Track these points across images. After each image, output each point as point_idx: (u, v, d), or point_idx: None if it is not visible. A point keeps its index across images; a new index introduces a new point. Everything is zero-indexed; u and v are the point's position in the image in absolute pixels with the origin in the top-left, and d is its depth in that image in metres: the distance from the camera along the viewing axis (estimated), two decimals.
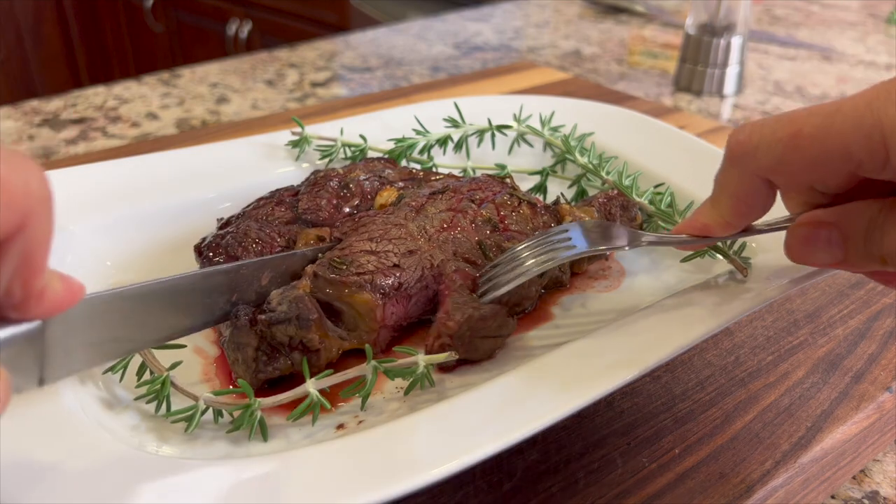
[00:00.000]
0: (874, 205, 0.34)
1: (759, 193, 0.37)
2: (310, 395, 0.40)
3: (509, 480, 0.39)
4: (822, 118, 0.32)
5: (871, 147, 0.30)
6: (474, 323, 0.44)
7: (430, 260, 0.48)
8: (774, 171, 0.35)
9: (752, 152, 0.35)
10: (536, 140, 0.67)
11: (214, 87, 1.03)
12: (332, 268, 0.46)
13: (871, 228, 0.34)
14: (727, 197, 0.39)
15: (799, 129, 0.33)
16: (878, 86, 0.31)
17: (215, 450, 0.39)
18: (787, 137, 0.33)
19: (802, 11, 1.43)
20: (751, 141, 0.35)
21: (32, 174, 0.23)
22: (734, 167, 0.37)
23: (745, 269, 0.47)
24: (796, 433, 0.43)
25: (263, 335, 0.43)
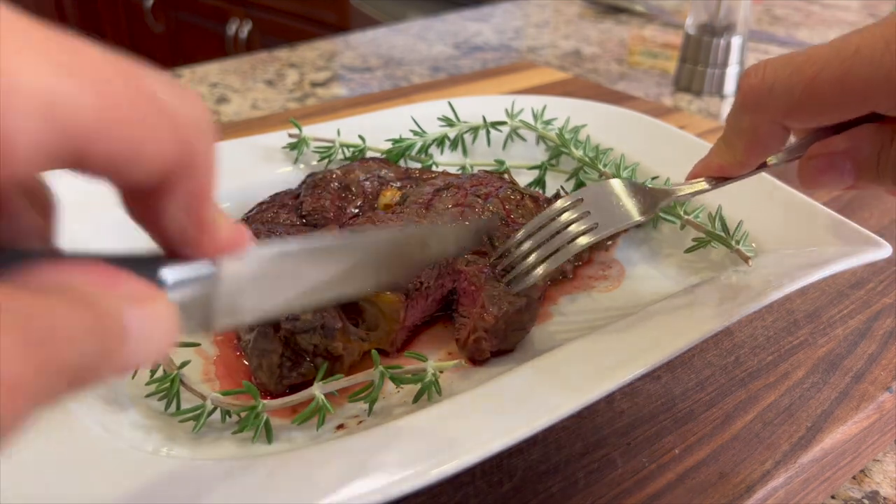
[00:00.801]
0: (884, 128, 0.34)
1: (773, 135, 0.37)
2: (315, 399, 0.40)
3: (509, 480, 0.39)
4: (839, 63, 0.31)
5: (892, 90, 0.30)
6: (510, 316, 0.44)
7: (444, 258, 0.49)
8: (789, 116, 0.35)
9: (765, 98, 0.35)
10: (531, 136, 0.68)
11: (214, 86, 1.03)
12: None
13: (883, 152, 0.34)
14: (740, 140, 0.38)
15: (816, 75, 0.32)
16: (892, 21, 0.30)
17: (217, 450, 0.39)
18: (804, 83, 0.33)
19: (802, 11, 1.43)
20: (764, 85, 0.34)
21: (196, 105, 0.22)
22: (746, 112, 0.37)
23: (748, 257, 0.48)
24: (796, 433, 0.43)
25: (287, 341, 0.43)
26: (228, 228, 0.25)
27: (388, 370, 0.41)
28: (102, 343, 0.19)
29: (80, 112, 0.18)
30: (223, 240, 0.25)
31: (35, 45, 0.17)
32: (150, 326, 0.21)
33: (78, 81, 0.18)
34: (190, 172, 0.22)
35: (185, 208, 0.23)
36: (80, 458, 0.34)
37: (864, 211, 0.65)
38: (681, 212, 0.55)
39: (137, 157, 0.20)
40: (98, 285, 0.20)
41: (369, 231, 0.44)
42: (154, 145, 0.20)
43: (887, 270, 0.57)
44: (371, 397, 0.41)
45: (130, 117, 0.19)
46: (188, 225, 0.24)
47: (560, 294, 0.53)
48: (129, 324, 0.20)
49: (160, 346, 0.22)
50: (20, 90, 0.17)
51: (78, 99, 0.18)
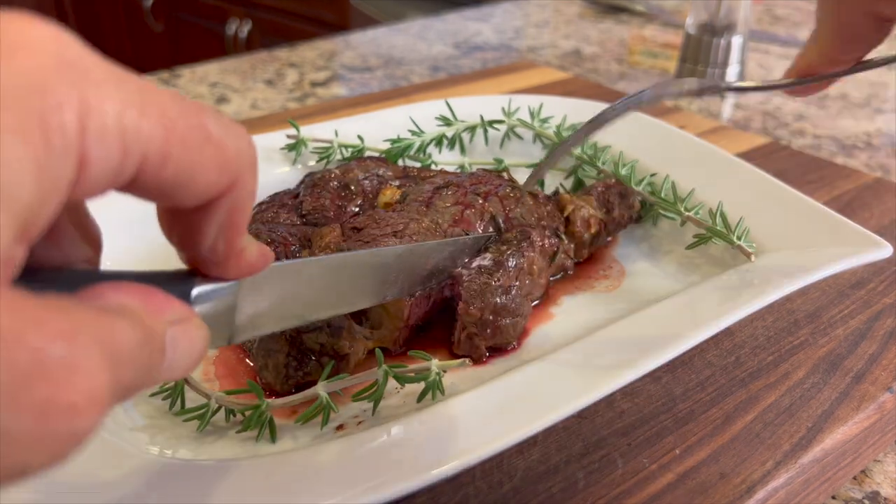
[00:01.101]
0: None
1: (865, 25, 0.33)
2: (319, 398, 0.40)
3: (509, 481, 0.39)
4: None
5: None
6: (494, 306, 0.44)
7: None
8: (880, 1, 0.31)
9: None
10: (528, 135, 0.68)
11: (214, 86, 1.03)
12: None
13: None
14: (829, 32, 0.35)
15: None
16: None
17: (220, 449, 0.39)
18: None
19: (803, 11, 1.42)
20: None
21: (244, 139, 0.24)
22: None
23: (750, 252, 0.48)
24: (797, 433, 0.43)
25: (293, 341, 0.43)
26: (255, 251, 0.27)
27: (392, 369, 0.41)
28: (150, 360, 0.21)
29: (149, 143, 0.20)
30: (252, 261, 0.27)
31: (115, 83, 0.20)
32: (187, 345, 0.23)
33: (149, 117, 0.20)
34: (232, 199, 0.24)
35: (220, 231, 0.25)
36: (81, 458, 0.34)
37: (865, 211, 0.65)
38: (681, 208, 0.55)
39: (190, 183, 0.22)
40: (146, 306, 0.22)
41: (376, 248, 0.45)
42: (205, 174, 0.23)
43: (888, 270, 0.57)
44: (375, 396, 0.40)
45: (189, 150, 0.22)
46: (221, 246, 0.26)
47: (561, 293, 0.53)
48: (170, 342, 0.22)
49: (193, 362, 0.24)
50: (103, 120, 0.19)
51: (148, 132, 0.20)
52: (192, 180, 0.22)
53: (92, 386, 0.17)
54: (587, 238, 0.55)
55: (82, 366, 0.17)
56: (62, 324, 0.17)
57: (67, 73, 0.19)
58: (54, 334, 0.17)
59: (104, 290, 0.21)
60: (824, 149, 0.87)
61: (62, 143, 0.18)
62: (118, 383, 0.19)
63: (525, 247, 0.50)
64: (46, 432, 0.16)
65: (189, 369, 0.24)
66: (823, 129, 0.93)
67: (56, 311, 0.17)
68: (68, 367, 0.17)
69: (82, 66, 0.19)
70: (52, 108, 0.18)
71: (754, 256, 0.49)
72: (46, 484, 0.32)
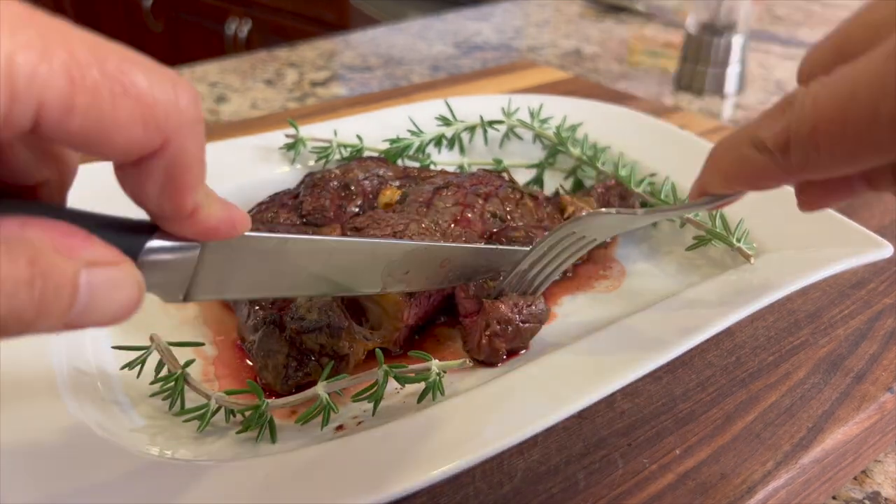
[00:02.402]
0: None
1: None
2: (319, 398, 0.40)
3: (510, 481, 0.39)
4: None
5: None
6: (523, 308, 0.44)
7: None
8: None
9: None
10: (528, 135, 0.68)
11: (214, 86, 1.03)
12: None
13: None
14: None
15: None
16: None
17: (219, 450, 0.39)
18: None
19: (803, 11, 1.42)
20: None
21: (182, 95, 0.23)
22: None
23: (749, 255, 0.48)
24: (797, 434, 0.43)
25: (293, 341, 0.43)
26: (217, 215, 0.27)
27: (393, 369, 0.40)
28: (39, 297, 0.21)
29: (47, 89, 0.19)
30: (209, 224, 0.26)
31: (15, 24, 0.19)
32: (107, 290, 0.23)
33: (49, 62, 0.19)
34: (167, 157, 0.23)
35: (160, 190, 0.24)
36: (81, 459, 0.34)
37: (865, 211, 0.65)
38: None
39: (106, 137, 0.21)
40: (56, 244, 0.21)
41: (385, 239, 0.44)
42: (122, 131, 0.21)
43: (888, 270, 0.57)
44: (375, 396, 0.40)
45: (100, 101, 0.21)
46: (165, 206, 0.25)
47: (561, 293, 0.53)
48: (82, 284, 0.22)
49: (118, 308, 0.23)
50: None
51: (47, 78, 0.19)
52: (107, 134, 0.21)
53: None
54: None
55: None
56: None
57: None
58: None
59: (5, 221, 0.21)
60: None
61: None
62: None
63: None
64: None
65: (114, 316, 0.24)
66: None
67: None
68: None
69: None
70: None
71: (754, 259, 0.49)
72: (47, 484, 0.32)
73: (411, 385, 0.42)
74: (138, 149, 0.23)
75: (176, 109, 0.23)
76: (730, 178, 0.33)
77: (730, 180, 0.33)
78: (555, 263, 0.45)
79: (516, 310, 0.44)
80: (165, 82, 0.23)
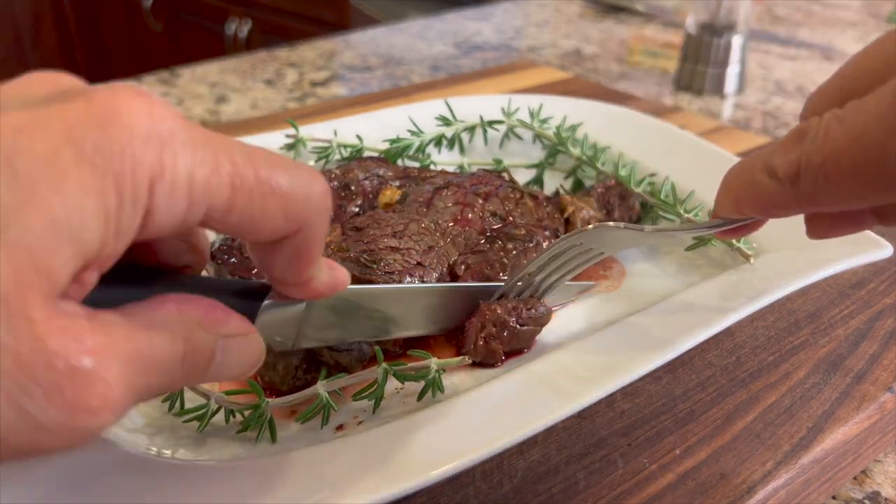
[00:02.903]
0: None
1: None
2: (320, 397, 0.40)
3: (510, 481, 0.39)
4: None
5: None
6: (520, 310, 0.44)
7: (446, 257, 0.48)
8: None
9: None
10: (528, 135, 0.68)
11: (214, 86, 1.03)
12: (362, 265, 0.46)
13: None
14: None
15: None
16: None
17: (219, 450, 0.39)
18: None
19: (803, 11, 1.42)
20: None
21: (315, 187, 0.27)
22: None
23: (749, 255, 0.47)
24: (797, 434, 0.43)
25: (312, 349, 0.43)
26: (326, 280, 0.31)
27: (392, 367, 0.41)
28: (189, 368, 0.25)
29: (216, 196, 0.24)
30: (320, 289, 0.31)
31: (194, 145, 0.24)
32: (236, 356, 0.27)
33: (219, 174, 0.24)
34: (297, 240, 0.28)
35: (287, 264, 0.29)
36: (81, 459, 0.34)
37: None
38: (680, 210, 0.55)
39: (255, 227, 0.26)
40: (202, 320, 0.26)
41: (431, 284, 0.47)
42: (269, 222, 0.26)
43: (888, 270, 0.57)
44: (376, 395, 0.40)
45: (253, 201, 0.25)
46: (289, 276, 0.30)
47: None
48: (221, 350, 0.27)
49: (243, 369, 0.28)
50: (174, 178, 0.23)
51: (216, 187, 0.24)
52: (257, 225, 0.26)
53: (108, 394, 0.21)
54: None
55: (103, 377, 0.21)
56: (97, 341, 0.22)
57: (149, 140, 0.23)
58: (88, 350, 0.21)
59: (167, 301, 0.25)
60: None
61: (131, 198, 0.22)
62: (139, 388, 0.23)
63: (530, 248, 0.50)
64: (68, 424, 0.21)
65: (239, 376, 0.28)
66: None
67: (97, 329, 0.22)
68: (91, 376, 0.21)
69: (168, 133, 0.23)
70: (128, 170, 0.22)
71: (753, 259, 0.49)
72: (47, 484, 0.32)
73: (411, 385, 0.42)
74: (279, 234, 0.27)
75: (311, 202, 0.27)
76: (740, 201, 0.33)
77: (740, 204, 0.33)
78: (558, 273, 0.45)
79: (514, 313, 0.44)
80: (304, 179, 0.27)
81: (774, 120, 0.95)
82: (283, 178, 0.26)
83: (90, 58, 2.77)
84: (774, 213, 0.32)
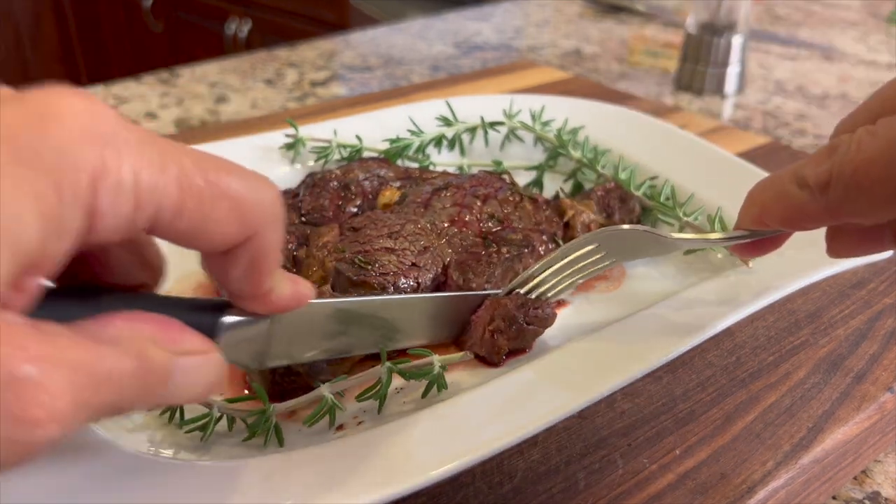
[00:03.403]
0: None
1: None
2: (324, 399, 0.39)
3: (510, 481, 0.39)
4: None
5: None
6: (528, 307, 0.44)
7: (441, 258, 0.48)
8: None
9: None
10: (529, 136, 0.68)
11: (214, 86, 1.03)
12: (357, 267, 0.46)
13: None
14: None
15: None
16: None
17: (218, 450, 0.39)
18: None
19: (803, 11, 1.42)
20: None
21: (267, 192, 0.27)
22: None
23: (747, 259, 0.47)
24: (797, 434, 0.43)
25: None
26: (287, 292, 0.30)
27: (396, 365, 0.40)
28: (143, 386, 0.24)
29: (163, 197, 0.24)
30: (280, 302, 0.30)
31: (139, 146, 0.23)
32: (195, 375, 0.26)
33: (166, 174, 0.24)
34: (253, 247, 0.27)
35: (243, 275, 0.28)
36: (81, 459, 0.34)
37: None
38: (680, 213, 0.55)
39: (206, 233, 0.25)
40: (156, 336, 0.25)
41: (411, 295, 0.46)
42: (220, 227, 0.26)
43: (888, 270, 0.57)
44: (380, 394, 0.40)
45: (203, 204, 0.25)
46: (246, 287, 0.29)
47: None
48: (175, 371, 0.25)
49: (202, 389, 0.27)
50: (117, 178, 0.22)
51: (164, 188, 0.24)
52: (208, 231, 0.25)
53: (53, 404, 0.20)
54: None
55: (47, 387, 0.20)
56: (41, 350, 0.20)
57: (90, 139, 0.22)
58: (30, 358, 0.20)
59: (115, 318, 0.24)
60: None
61: (72, 198, 0.21)
62: (89, 403, 0.21)
63: (526, 253, 0.50)
64: (10, 436, 0.19)
65: (198, 396, 0.27)
66: (824, 128, 0.93)
67: (41, 338, 0.21)
68: (35, 386, 0.20)
69: (110, 132, 0.23)
70: (67, 169, 0.21)
71: (752, 262, 0.48)
72: (46, 484, 0.32)
73: (411, 384, 0.42)
74: (231, 241, 0.26)
75: (263, 207, 0.27)
76: (766, 212, 0.34)
77: (766, 215, 0.34)
78: (569, 279, 0.45)
79: (522, 309, 0.44)
80: (255, 184, 0.26)
81: (774, 120, 0.95)
82: (233, 181, 0.26)
83: (90, 58, 2.77)
84: (800, 223, 0.33)
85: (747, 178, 0.57)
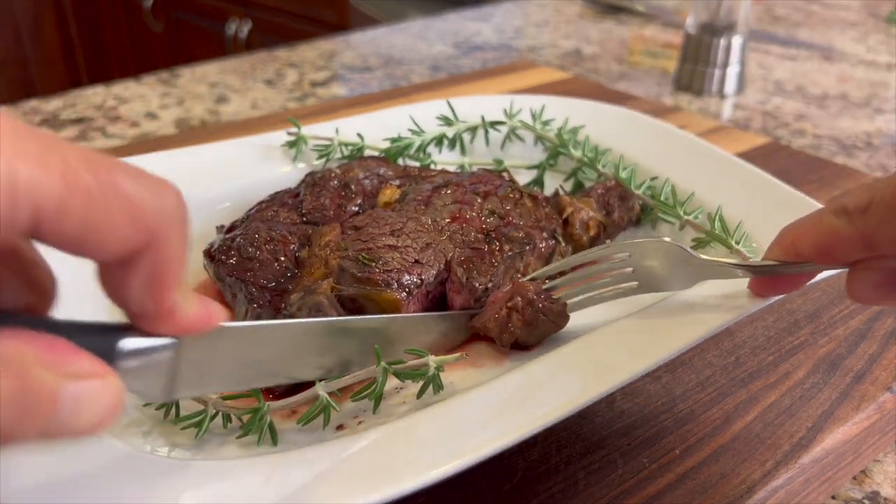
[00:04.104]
0: None
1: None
2: (320, 398, 0.40)
3: (509, 481, 0.39)
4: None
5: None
6: (548, 297, 0.45)
7: (443, 255, 0.48)
8: None
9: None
10: (530, 136, 0.68)
11: (214, 86, 1.03)
12: (360, 264, 0.46)
13: None
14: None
15: None
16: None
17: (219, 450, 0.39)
18: None
19: (803, 11, 1.42)
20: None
21: (168, 197, 0.24)
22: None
23: (748, 257, 0.48)
24: (797, 433, 0.43)
25: None
26: (195, 312, 0.27)
27: (391, 366, 0.41)
28: (25, 411, 0.21)
29: (45, 194, 0.21)
30: (187, 321, 0.27)
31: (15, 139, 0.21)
32: (88, 401, 0.23)
33: (46, 169, 0.21)
34: (153, 256, 0.24)
35: (144, 288, 0.25)
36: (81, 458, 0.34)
37: None
38: (680, 212, 0.55)
39: (96, 238, 0.23)
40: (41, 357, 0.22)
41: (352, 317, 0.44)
42: (113, 230, 0.23)
43: None
44: (375, 394, 0.40)
45: (93, 202, 0.22)
46: (147, 304, 0.26)
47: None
48: (64, 397, 0.22)
49: (100, 419, 0.24)
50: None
51: (45, 183, 0.21)
52: (99, 234, 0.23)
53: None
54: (586, 240, 0.55)
55: None
56: None
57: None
58: None
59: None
60: (824, 149, 0.87)
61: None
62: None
63: (527, 250, 0.50)
64: None
65: (93, 427, 0.24)
66: (824, 129, 0.93)
67: None
68: None
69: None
70: None
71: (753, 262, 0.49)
72: (46, 484, 0.32)
73: (411, 384, 0.42)
74: (127, 247, 0.24)
75: (162, 208, 0.24)
76: (799, 237, 0.35)
77: (799, 240, 0.35)
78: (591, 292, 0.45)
79: (543, 296, 0.45)
80: (152, 184, 0.24)
81: (774, 120, 0.95)
82: (126, 180, 0.23)
83: (90, 57, 2.77)
84: (832, 250, 0.34)
85: (747, 178, 0.57)
